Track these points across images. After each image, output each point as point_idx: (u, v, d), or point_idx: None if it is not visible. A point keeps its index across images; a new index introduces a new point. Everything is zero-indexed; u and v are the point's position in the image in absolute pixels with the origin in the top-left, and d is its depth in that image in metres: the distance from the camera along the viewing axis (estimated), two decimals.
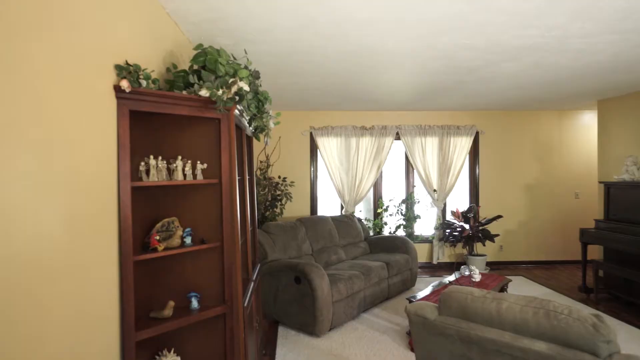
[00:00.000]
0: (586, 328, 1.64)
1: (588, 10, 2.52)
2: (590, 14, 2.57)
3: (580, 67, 3.82)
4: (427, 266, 6.42)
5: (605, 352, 1.60)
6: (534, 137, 6.54)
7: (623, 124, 5.18)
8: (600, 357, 1.59)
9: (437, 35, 2.95)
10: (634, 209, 4.53)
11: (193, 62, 2.27)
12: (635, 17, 2.62)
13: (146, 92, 1.85)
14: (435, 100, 5.53)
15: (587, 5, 2.44)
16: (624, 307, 4.46)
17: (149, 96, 1.87)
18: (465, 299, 1.86)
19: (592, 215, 6.25)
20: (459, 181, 6.45)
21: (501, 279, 4.20)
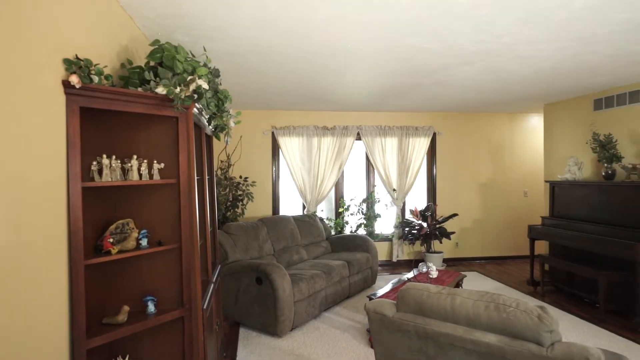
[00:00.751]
0: (532, 319, 1.73)
1: (536, 19, 2.67)
2: (537, 23, 2.72)
3: (529, 72, 4.04)
4: (387, 264, 6.57)
5: (548, 341, 1.70)
6: (487, 138, 6.85)
7: (566, 126, 5.53)
8: (544, 346, 1.69)
9: (397, 39, 3.02)
10: (575, 207, 4.85)
11: (149, 58, 2.20)
12: (577, 26, 2.80)
13: (98, 88, 1.77)
14: (395, 101, 5.66)
15: (534, 14, 2.58)
16: (567, 299, 4.76)
17: (101, 92, 1.79)
18: (421, 296, 1.92)
19: (539, 213, 6.63)
20: (417, 181, 6.64)
21: (457, 274, 4.37)
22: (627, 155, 4.52)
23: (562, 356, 1.64)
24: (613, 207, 4.33)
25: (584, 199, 4.74)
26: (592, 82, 4.48)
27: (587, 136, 5.03)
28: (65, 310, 1.69)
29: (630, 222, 4.10)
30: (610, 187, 4.38)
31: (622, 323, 3.96)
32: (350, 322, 4.04)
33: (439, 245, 6.58)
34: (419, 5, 2.44)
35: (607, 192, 4.42)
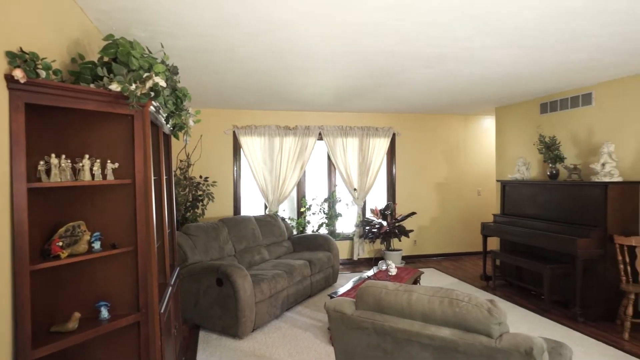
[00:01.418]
0: (482, 313, 1.82)
1: (491, 27, 2.79)
2: (493, 29, 2.85)
3: (483, 76, 4.23)
4: (348, 262, 6.66)
5: (497, 333, 1.79)
6: (444, 139, 7.10)
7: (516, 128, 5.84)
8: (493, 337, 1.78)
9: (359, 40, 3.07)
10: (524, 205, 5.14)
11: (102, 53, 2.11)
12: (527, 35, 2.96)
13: (46, 83, 1.68)
14: (357, 102, 5.75)
15: (490, 22, 2.71)
16: (517, 292, 5.04)
17: (49, 88, 1.70)
18: (379, 293, 1.97)
19: (491, 211, 6.96)
20: (377, 180, 6.78)
21: (415, 271, 4.50)
22: (569, 156, 4.84)
23: (509, 346, 1.74)
24: (557, 205, 4.62)
25: (531, 197, 5.03)
26: (539, 87, 4.76)
27: (535, 138, 5.33)
28: (8, 318, 1.60)
29: (572, 218, 4.39)
30: (555, 186, 4.67)
31: (564, 313, 4.24)
32: (312, 321, 4.07)
33: (398, 243, 6.75)
34: (380, 8, 2.49)
35: (551, 191, 4.72)
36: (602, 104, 4.50)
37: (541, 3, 2.45)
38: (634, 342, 3.54)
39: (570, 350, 2.37)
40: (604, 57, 3.57)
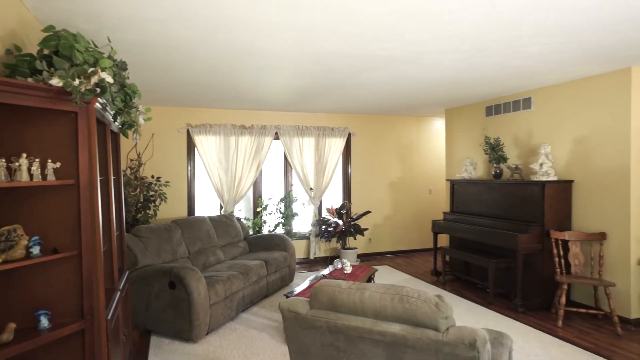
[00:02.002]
0: (430, 308, 1.90)
1: (440, 31, 2.91)
2: (439, 34, 2.97)
3: (432, 79, 4.40)
4: (305, 262, 6.69)
5: (444, 327, 1.88)
6: (397, 139, 7.31)
7: (464, 130, 6.12)
8: (440, 331, 1.87)
9: (314, 41, 3.10)
10: (471, 203, 5.41)
11: (42, 45, 1.99)
12: (472, 40, 3.11)
13: None
14: (313, 102, 5.78)
15: (437, 26, 2.82)
16: (464, 286, 5.29)
17: None
18: (333, 292, 2.01)
19: (442, 208, 7.25)
20: (333, 180, 6.86)
21: (369, 269, 4.61)
22: (511, 157, 5.15)
23: (455, 339, 1.83)
24: (501, 203, 4.91)
25: (477, 195, 5.30)
26: (484, 90, 5.02)
27: (481, 139, 5.61)
28: None
29: (514, 215, 4.68)
30: (498, 185, 4.95)
31: (507, 304, 4.51)
32: (268, 322, 4.05)
33: (353, 242, 6.87)
34: (334, 11, 2.53)
35: (496, 189, 5.00)
36: (540, 108, 4.83)
37: (482, 14, 2.59)
38: (567, 328, 3.83)
39: (510, 340, 2.53)
40: (541, 65, 3.82)
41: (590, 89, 4.24)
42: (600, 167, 4.15)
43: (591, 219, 4.24)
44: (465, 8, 2.49)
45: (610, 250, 4.04)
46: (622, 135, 3.93)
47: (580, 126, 4.36)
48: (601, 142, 4.14)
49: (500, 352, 2.41)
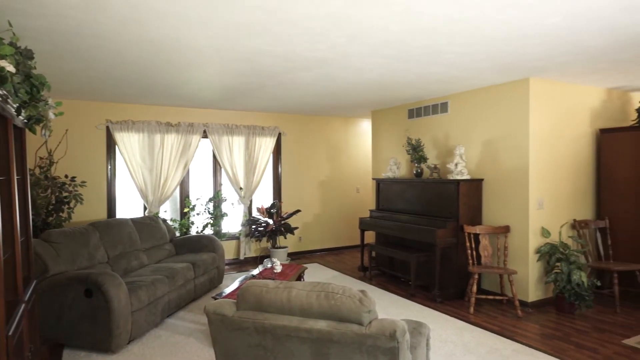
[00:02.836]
0: (355, 303, 1.99)
1: (362, 36, 3.03)
2: (364, 39, 3.10)
3: (358, 81, 4.57)
4: (235, 262, 6.60)
5: (367, 321, 1.97)
6: (326, 139, 7.48)
7: (389, 131, 6.44)
8: (364, 325, 1.96)
9: (242, 39, 3.07)
10: (395, 200, 5.72)
11: None
12: (394, 47, 3.29)
13: None
14: (242, 100, 5.71)
15: (361, 31, 2.94)
16: (389, 280, 5.58)
17: None
18: (260, 292, 2.02)
19: (369, 206, 7.56)
20: (264, 179, 6.84)
21: (299, 267, 4.67)
22: (430, 157, 5.52)
23: (376, 331, 1.94)
24: (421, 200, 5.24)
25: (401, 193, 5.61)
26: (406, 94, 5.32)
27: (404, 140, 5.94)
28: None
29: (433, 212, 5.03)
30: (419, 184, 5.29)
31: (427, 295, 4.84)
32: (196, 326, 3.95)
33: (284, 241, 6.91)
34: (260, 10, 2.53)
35: (417, 188, 5.33)
36: (456, 112, 5.24)
37: (404, 22, 2.76)
38: (477, 314, 4.22)
39: (428, 328, 2.72)
40: (456, 72, 4.15)
41: (498, 96, 4.69)
42: (505, 167, 4.61)
43: (498, 213, 4.69)
44: (388, 15, 2.62)
45: (513, 241, 4.51)
46: (523, 138, 4.41)
47: (489, 129, 4.80)
48: (506, 144, 4.60)
49: (418, 340, 2.58)
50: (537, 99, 4.40)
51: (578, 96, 4.78)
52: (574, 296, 4.08)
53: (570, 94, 4.70)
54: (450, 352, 3.34)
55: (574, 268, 4.08)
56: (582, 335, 3.67)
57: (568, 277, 4.08)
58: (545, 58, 3.64)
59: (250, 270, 5.93)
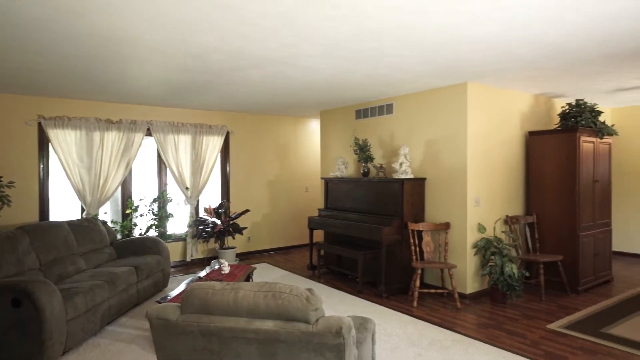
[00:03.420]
0: (302, 302, 2.02)
1: (312, 36, 3.06)
2: (314, 39, 3.13)
3: (308, 81, 4.61)
4: (181, 264, 6.41)
5: (314, 319, 2.01)
6: (275, 139, 7.47)
7: (337, 131, 6.55)
8: (310, 323, 1.99)
9: (189, 34, 2.99)
10: (343, 199, 5.83)
11: None
12: (344, 48, 3.36)
13: None
14: (189, 98, 5.55)
15: (310, 32, 2.97)
16: (337, 277, 5.69)
17: None
18: (206, 294, 2.00)
19: (317, 206, 7.63)
20: (211, 178, 6.70)
21: (248, 267, 4.64)
22: (377, 157, 5.69)
23: (323, 329, 1.98)
24: (368, 199, 5.39)
25: (348, 192, 5.74)
26: (354, 95, 5.44)
27: (352, 140, 6.07)
28: None
29: (379, 210, 5.19)
30: (366, 183, 5.44)
31: (373, 291, 4.99)
32: (138, 332, 3.80)
33: (232, 241, 6.81)
34: (210, 6, 2.48)
35: (364, 187, 5.47)
36: (400, 113, 5.44)
37: (351, 24, 2.83)
38: (420, 307, 4.42)
39: (373, 324, 2.81)
40: (401, 75, 4.31)
41: (439, 99, 4.93)
42: (445, 166, 4.86)
43: (439, 211, 4.94)
44: (338, 17, 2.67)
45: (453, 237, 4.77)
46: (461, 140, 4.67)
47: (431, 131, 5.03)
48: (446, 145, 4.85)
49: (364, 336, 2.66)
50: (474, 102, 4.68)
51: (510, 101, 5.14)
52: (506, 287, 4.39)
53: (504, 99, 5.05)
54: (395, 345, 3.47)
55: (506, 261, 4.39)
56: (512, 322, 3.97)
57: (501, 269, 4.38)
58: (482, 64, 3.88)
59: (197, 272, 5.78)
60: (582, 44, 3.28)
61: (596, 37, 3.12)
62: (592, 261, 5.01)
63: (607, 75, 4.41)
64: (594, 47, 3.39)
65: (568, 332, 3.69)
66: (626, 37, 3.14)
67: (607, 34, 3.07)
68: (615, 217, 6.30)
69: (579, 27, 2.91)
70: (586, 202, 4.94)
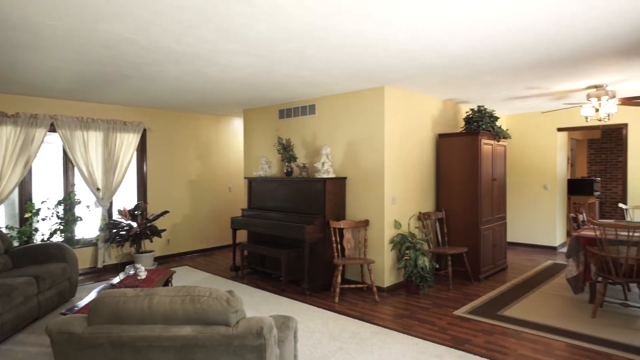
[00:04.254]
0: (222, 304, 1.99)
1: (232, 33, 3.01)
2: (234, 36, 3.08)
3: (230, 79, 4.53)
4: (92, 272, 5.94)
5: (234, 321, 2.00)
6: (196, 137, 7.23)
7: (260, 130, 6.52)
8: (231, 325, 1.98)
9: (98, 23, 2.77)
10: (267, 199, 5.84)
11: None
12: (264, 47, 3.34)
13: None
14: (101, 92, 5.16)
15: (230, 28, 2.91)
16: (261, 277, 5.68)
17: None
18: (117, 302, 1.89)
19: (241, 206, 7.53)
20: (126, 178, 6.28)
21: (167, 272, 4.44)
22: (300, 156, 5.78)
23: (243, 331, 1.97)
24: (291, 198, 5.46)
25: (272, 192, 5.75)
26: (277, 94, 5.46)
27: (275, 140, 6.08)
28: None
29: (302, 209, 5.28)
30: (289, 182, 5.50)
31: (297, 290, 5.06)
32: (39, 349, 3.45)
33: (150, 245, 6.45)
34: None
35: (287, 186, 5.53)
36: (322, 114, 5.57)
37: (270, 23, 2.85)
38: (342, 303, 4.59)
39: (295, 322, 2.86)
40: (323, 77, 4.42)
41: (359, 101, 5.15)
42: (365, 166, 5.09)
43: (359, 209, 5.16)
44: (258, 15, 2.66)
45: (372, 234, 5.02)
46: (379, 141, 4.92)
47: (351, 132, 5.23)
48: (365, 146, 5.08)
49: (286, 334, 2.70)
50: (391, 106, 4.96)
51: (423, 105, 5.53)
52: (419, 279, 4.73)
53: (417, 103, 5.43)
54: (318, 341, 3.57)
55: (419, 254, 4.73)
56: (424, 311, 4.29)
57: (415, 262, 4.71)
58: (397, 70, 4.13)
59: (110, 279, 5.40)
60: (482, 55, 3.64)
61: (493, 50, 3.48)
62: (491, 252, 5.59)
63: (503, 85, 4.95)
64: (493, 60, 3.78)
65: (471, 317, 4.08)
66: (521, 52, 3.55)
67: (505, 49, 3.44)
68: (509, 212, 7.10)
69: (477, 41, 3.23)
70: (486, 198, 5.49)
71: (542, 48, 3.41)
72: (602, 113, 4.88)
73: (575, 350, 3.33)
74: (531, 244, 7.44)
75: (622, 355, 3.22)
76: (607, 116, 4.94)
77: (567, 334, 3.62)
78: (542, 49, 3.43)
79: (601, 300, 4.03)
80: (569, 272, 4.33)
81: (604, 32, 3.03)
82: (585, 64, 3.96)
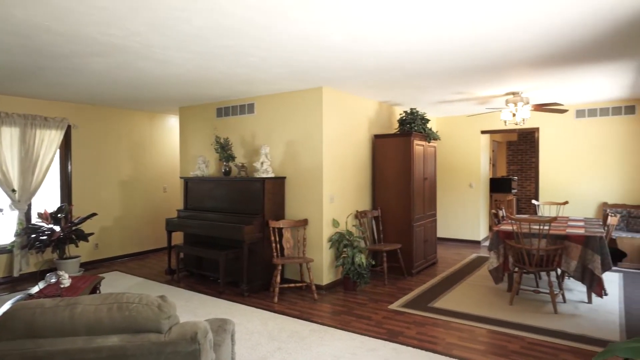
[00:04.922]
0: (153, 310, 1.91)
1: (164, 27, 2.90)
2: (166, 31, 2.97)
3: (164, 75, 4.35)
4: (7, 281, 5.41)
5: (166, 327, 1.93)
6: (128, 135, 6.85)
7: (197, 129, 6.33)
8: (163, 332, 1.91)
9: (8, 6, 2.53)
10: (204, 199, 5.68)
11: None
12: (198, 42, 3.25)
13: None
14: (15, 84, 4.72)
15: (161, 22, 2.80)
16: (198, 280, 5.52)
17: None
18: (32, 315, 1.75)
19: (177, 207, 7.27)
20: (48, 179, 5.80)
21: (93, 278, 4.16)
22: (239, 156, 5.69)
23: (177, 337, 1.91)
24: (230, 198, 5.36)
25: (209, 192, 5.61)
26: (214, 92, 5.33)
27: (213, 138, 5.94)
28: None
29: (241, 209, 5.21)
30: (228, 182, 5.40)
31: (235, 291, 4.99)
32: None
33: (75, 250, 6.01)
34: None
35: (225, 186, 5.42)
36: (261, 113, 5.54)
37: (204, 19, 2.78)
38: (281, 302, 4.60)
39: (232, 324, 2.82)
40: (262, 75, 4.38)
41: (298, 101, 5.18)
42: (304, 166, 5.14)
43: (298, 208, 5.20)
44: (190, 9, 2.58)
45: (311, 233, 5.08)
46: (318, 140, 5.00)
47: (290, 131, 5.25)
48: (304, 145, 5.13)
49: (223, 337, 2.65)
50: (329, 106, 5.05)
51: (360, 106, 5.70)
52: (356, 275, 4.87)
53: (354, 104, 5.57)
54: (256, 342, 3.55)
55: (356, 252, 4.87)
56: (361, 307, 4.43)
57: (352, 260, 4.84)
58: (333, 71, 4.22)
59: (28, 289, 4.95)
60: (413, 60, 3.84)
61: (425, 57, 3.68)
62: (422, 247, 5.90)
63: (433, 89, 5.24)
64: (425, 65, 4.00)
65: (404, 310, 4.29)
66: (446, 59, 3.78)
67: (433, 56, 3.65)
68: (439, 209, 7.55)
69: (412, 47, 3.40)
70: (418, 196, 5.78)
71: (462, 55, 3.67)
72: (518, 118, 5.35)
73: (495, 335, 3.63)
74: (458, 238, 7.97)
75: (534, 337, 3.56)
76: (522, 120, 5.43)
77: (488, 321, 3.93)
78: (462, 55, 3.69)
79: (517, 289, 4.43)
80: (490, 264, 4.70)
81: (516, 43, 3.33)
82: (503, 72, 4.32)
